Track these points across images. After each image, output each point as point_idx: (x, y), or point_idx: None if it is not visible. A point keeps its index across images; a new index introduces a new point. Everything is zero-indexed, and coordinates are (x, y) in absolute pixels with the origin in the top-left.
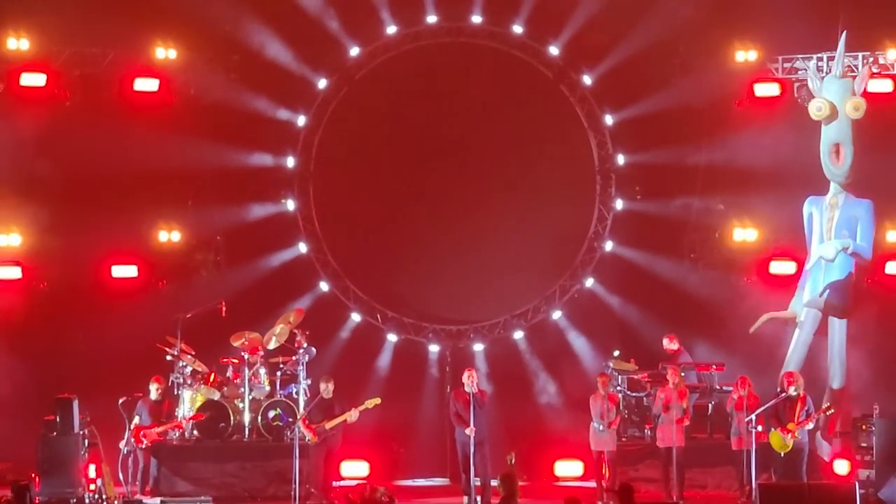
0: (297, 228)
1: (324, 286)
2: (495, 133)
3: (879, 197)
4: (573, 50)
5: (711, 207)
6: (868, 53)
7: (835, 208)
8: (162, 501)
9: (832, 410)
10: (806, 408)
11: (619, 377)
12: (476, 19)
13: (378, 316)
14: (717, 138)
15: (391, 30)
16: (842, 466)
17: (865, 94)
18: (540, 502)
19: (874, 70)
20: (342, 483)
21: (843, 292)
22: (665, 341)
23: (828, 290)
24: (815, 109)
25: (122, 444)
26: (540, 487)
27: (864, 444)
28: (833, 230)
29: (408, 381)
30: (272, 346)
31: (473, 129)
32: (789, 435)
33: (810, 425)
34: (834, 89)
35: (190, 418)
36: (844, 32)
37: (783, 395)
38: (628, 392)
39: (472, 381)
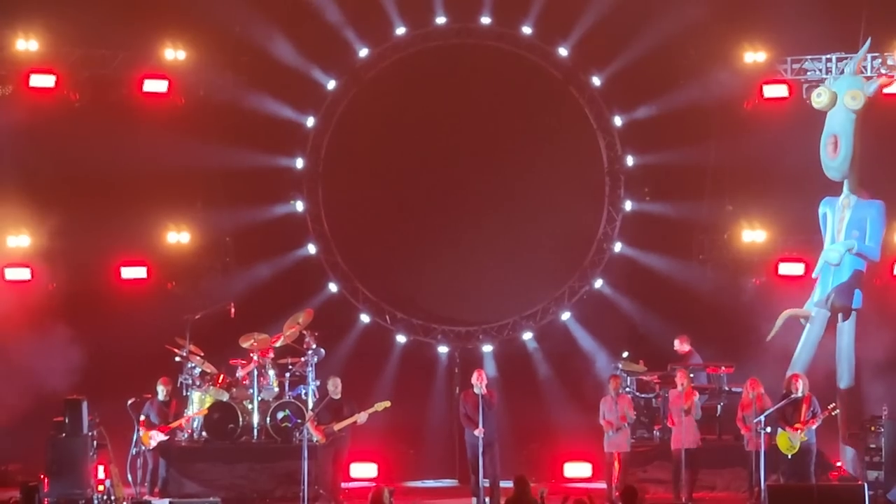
0: (306, 229)
1: (333, 287)
2: (504, 134)
3: (889, 198)
4: (582, 51)
5: (720, 208)
6: (876, 55)
7: (846, 209)
8: (170, 502)
9: (838, 411)
10: (812, 408)
11: (629, 378)
12: (485, 20)
13: (387, 317)
14: (726, 139)
15: (400, 31)
16: None
17: (882, 97)
18: None
19: (882, 71)
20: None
21: (848, 293)
22: (676, 343)
23: (833, 293)
24: (815, 96)
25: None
26: (549, 489)
27: (872, 446)
28: (844, 230)
29: (416, 383)
30: (279, 344)
31: (482, 131)
32: (797, 434)
33: (817, 425)
34: (842, 83)
35: (195, 414)
36: (869, 39)
37: (791, 397)
38: (637, 393)
39: (481, 382)
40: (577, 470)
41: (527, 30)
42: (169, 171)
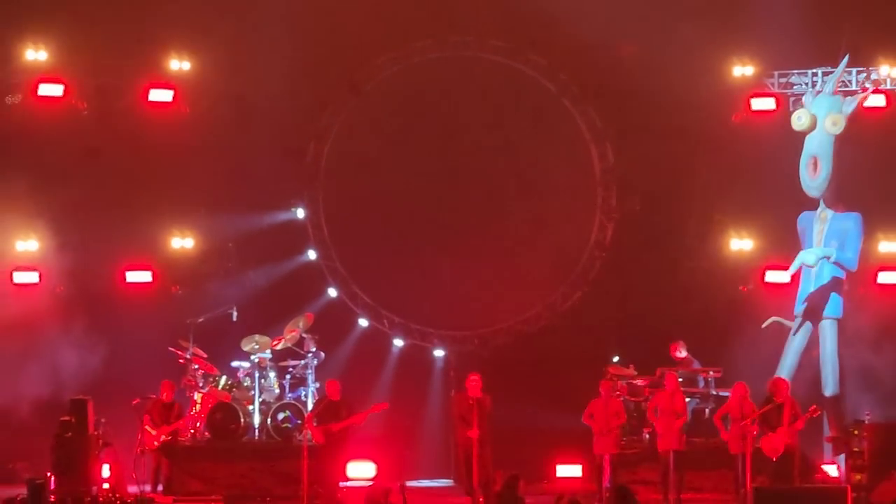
0: (307, 236)
1: (332, 292)
2: (499, 143)
3: (869, 208)
4: (575, 63)
5: (709, 217)
6: (862, 69)
7: (824, 221)
8: (174, 500)
9: (819, 412)
10: (793, 411)
11: (619, 382)
12: (482, 33)
13: (385, 321)
14: (715, 150)
15: (398, 42)
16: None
17: (862, 110)
18: None
19: (867, 86)
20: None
21: (825, 297)
22: (673, 349)
23: (812, 301)
24: (796, 119)
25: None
26: (540, 490)
27: (856, 449)
28: (822, 243)
29: (413, 385)
30: (280, 347)
31: (478, 140)
32: (781, 438)
33: (800, 427)
34: (822, 104)
35: (208, 396)
36: (847, 55)
37: (774, 401)
38: (627, 397)
39: (475, 385)
40: (568, 471)
41: (522, 42)
42: (174, 179)
